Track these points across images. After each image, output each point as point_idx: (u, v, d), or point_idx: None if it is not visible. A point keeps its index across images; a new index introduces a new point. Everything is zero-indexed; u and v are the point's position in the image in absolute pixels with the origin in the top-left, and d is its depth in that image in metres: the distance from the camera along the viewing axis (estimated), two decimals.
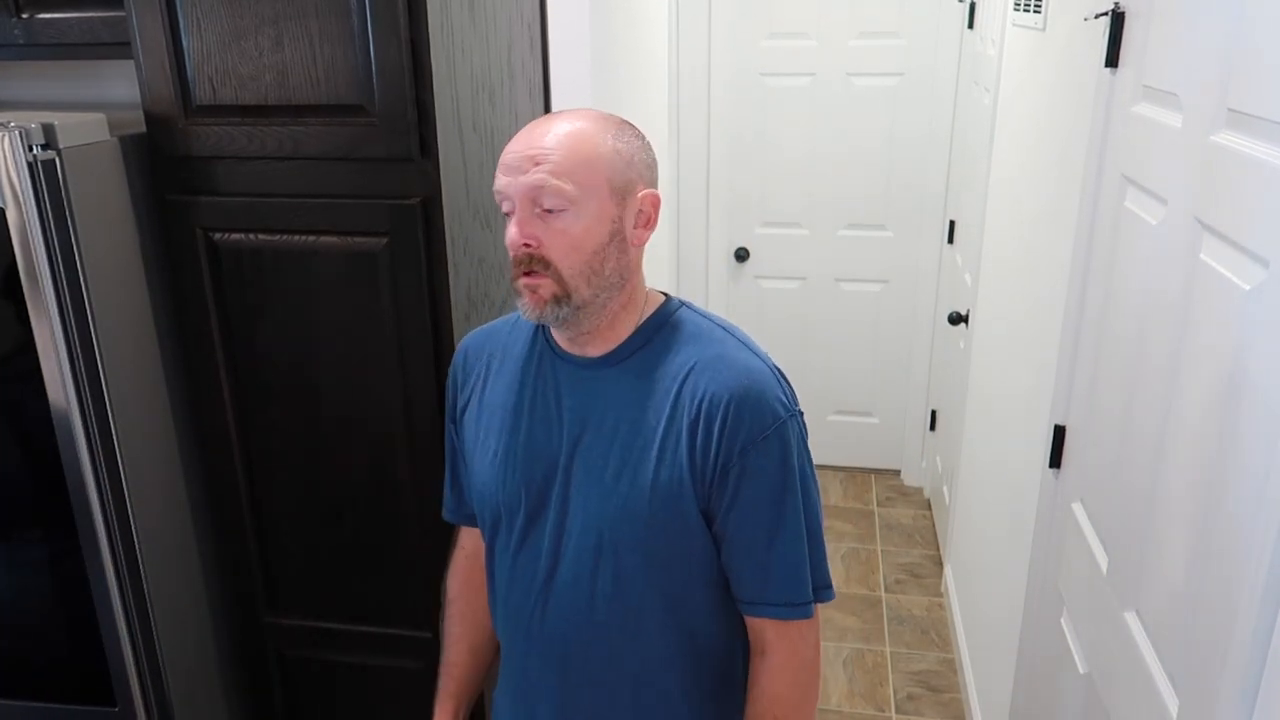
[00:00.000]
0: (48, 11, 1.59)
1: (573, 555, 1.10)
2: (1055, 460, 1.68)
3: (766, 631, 1.11)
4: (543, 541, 1.12)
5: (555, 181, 0.99)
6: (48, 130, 1.32)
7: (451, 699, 1.32)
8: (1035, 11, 2.12)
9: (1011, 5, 2.45)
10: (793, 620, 1.09)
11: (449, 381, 1.24)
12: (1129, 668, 1.26)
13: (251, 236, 1.48)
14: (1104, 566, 1.39)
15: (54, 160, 1.32)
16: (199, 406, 1.60)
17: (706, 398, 1.05)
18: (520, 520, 1.13)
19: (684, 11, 3.47)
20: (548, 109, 1.92)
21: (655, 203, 1.08)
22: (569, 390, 1.11)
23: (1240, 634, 0.94)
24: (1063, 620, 1.61)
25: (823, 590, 1.11)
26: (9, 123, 1.29)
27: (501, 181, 1.02)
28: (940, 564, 3.28)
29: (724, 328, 1.13)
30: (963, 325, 3.07)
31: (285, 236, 1.47)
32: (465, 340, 1.25)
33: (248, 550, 1.68)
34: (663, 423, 1.06)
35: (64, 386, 1.39)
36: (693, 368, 1.07)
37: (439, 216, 1.44)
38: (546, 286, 1.03)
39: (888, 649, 2.90)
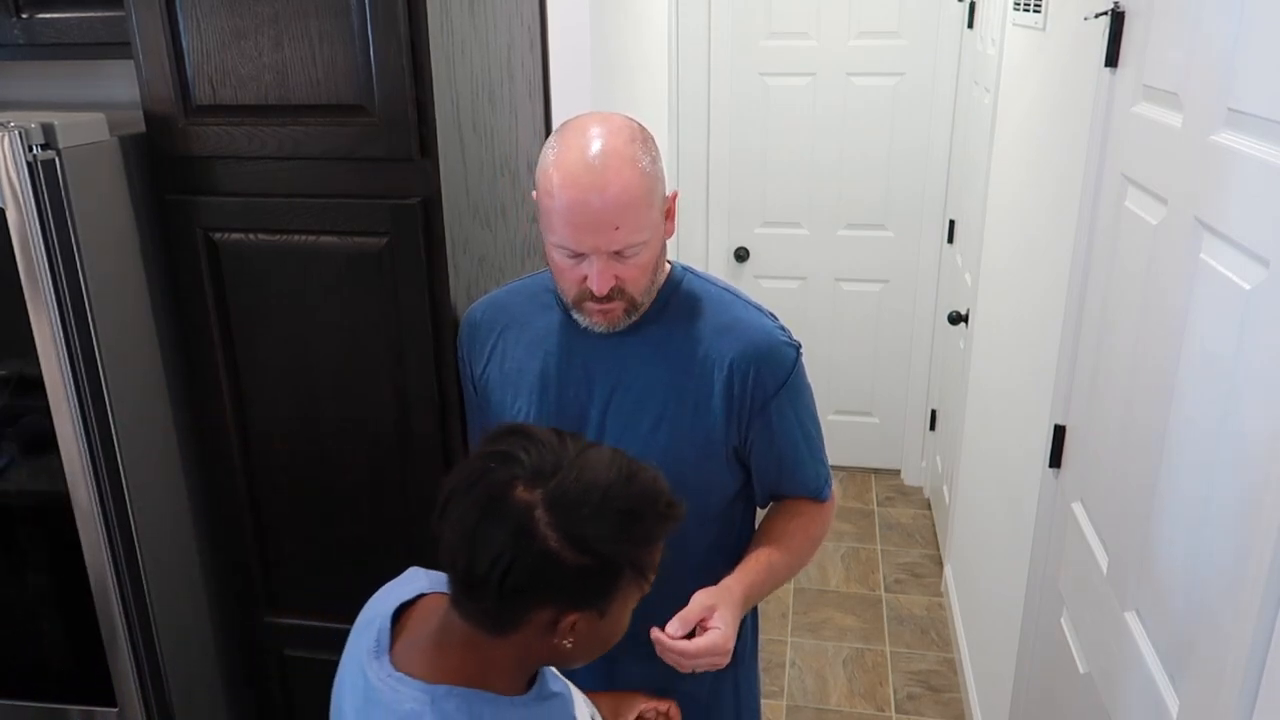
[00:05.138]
0: (48, 11, 1.59)
1: None
2: (1055, 460, 1.68)
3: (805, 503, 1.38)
4: None
5: (634, 237, 1.15)
6: (48, 130, 1.32)
7: None
8: (1035, 11, 2.12)
9: (1011, 5, 2.45)
10: (823, 501, 1.38)
11: (460, 353, 1.40)
12: (1129, 668, 1.26)
13: (251, 236, 1.48)
14: (1104, 566, 1.39)
15: (54, 160, 1.32)
16: (199, 406, 1.60)
17: (734, 358, 1.25)
18: None
19: (684, 11, 3.47)
20: (548, 109, 1.92)
21: (675, 197, 1.24)
22: (596, 356, 1.27)
23: (1240, 634, 0.94)
24: (1063, 620, 1.61)
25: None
26: (9, 123, 1.29)
27: (578, 241, 1.15)
28: (940, 564, 3.28)
29: (727, 290, 1.32)
30: (963, 325, 3.07)
31: (285, 236, 1.47)
32: (471, 312, 1.39)
33: (248, 550, 1.67)
34: (694, 380, 1.25)
35: (64, 386, 1.39)
36: (715, 332, 1.26)
37: (439, 216, 1.44)
38: (619, 307, 1.21)
39: (888, 649, 2.90)
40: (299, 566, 1.68)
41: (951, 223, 3.49)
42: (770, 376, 1.26)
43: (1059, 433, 1.66)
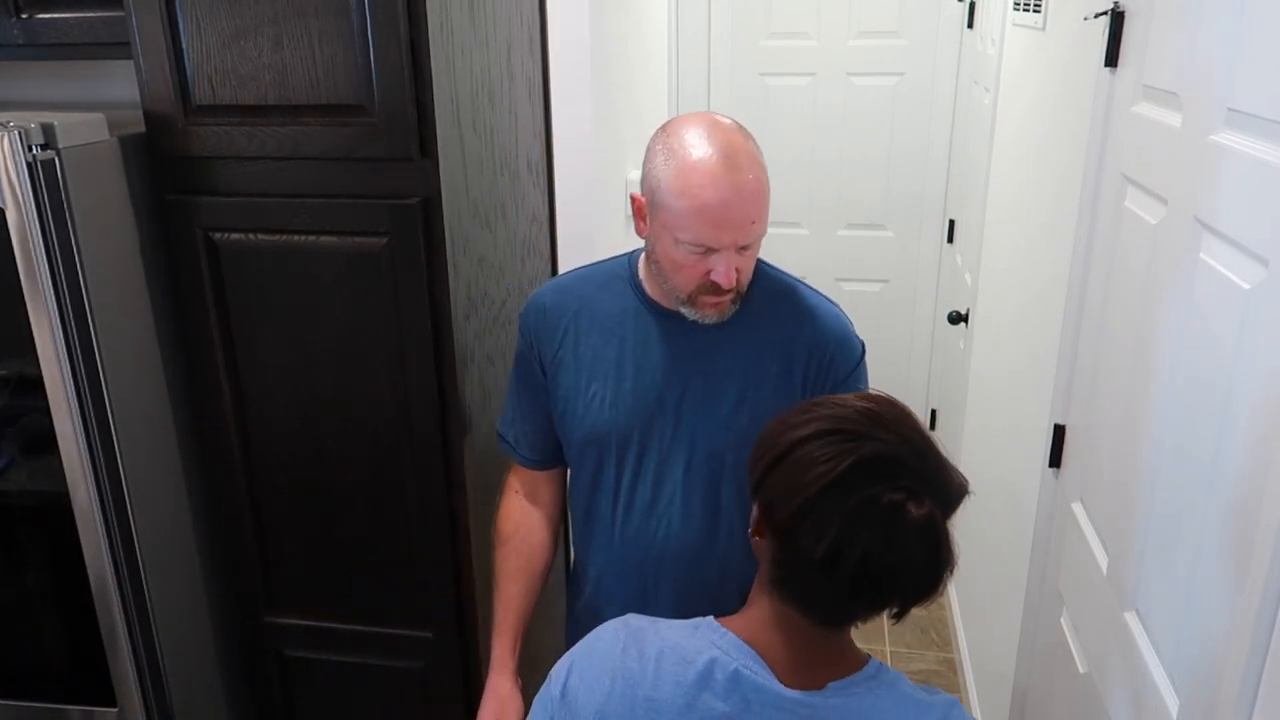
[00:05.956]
0: (48, 11, 1.59)
1: (694, 478, 1.31)
2: (1055, 460, 1.68)
3: None
4: (655, 470, 1.32)
5: (762, 228, 1.20)
6: (47, 130, 1.32)
7: (511, 630, 1.43)
8: (1035, 11, 2.12)
9: (1011, 5, 2.45)
10: None
11: (528, 336, 1.38)
12: (1129, 668, 1.26)
13: (251, 236, 1.48)
14: (1104, 566, 1.39)
15: (54, 160, 1.32)
16: (199, 406, 1.60)
17: (815, 342, 1.31)
18: (633, 454, 1.32)
19: (684, 12, 3.47)
20: (547, 109, 1.92)
21: None
22: (674, 341, 1.30)
23: (1240, 634, 0.94)
24: (1063, 620, 1.61)
25: None
26: (9, 123, 1.29)
27: (717, 239, 1.17)
28: None
29: (796, 279, 1.37)
30: (963, 325, 3.07)
31: (285, 236, 1.47)
32: (539, 296, 1.39)
33: (248, 550, 1.68)
34: (777, 364, 1.30)
35: (64, 386, 1.39)
36: (797, 317, 1.31)
37: (439, 216, 1.44)
38: (729, 298, 1.24)
39: (888, 649, 2.90)
40: (299, 566, 1.68)
41: (951, 222, 3.49)
42: (844, 363, 1.32)
43: (1059, 432, 1.66)
